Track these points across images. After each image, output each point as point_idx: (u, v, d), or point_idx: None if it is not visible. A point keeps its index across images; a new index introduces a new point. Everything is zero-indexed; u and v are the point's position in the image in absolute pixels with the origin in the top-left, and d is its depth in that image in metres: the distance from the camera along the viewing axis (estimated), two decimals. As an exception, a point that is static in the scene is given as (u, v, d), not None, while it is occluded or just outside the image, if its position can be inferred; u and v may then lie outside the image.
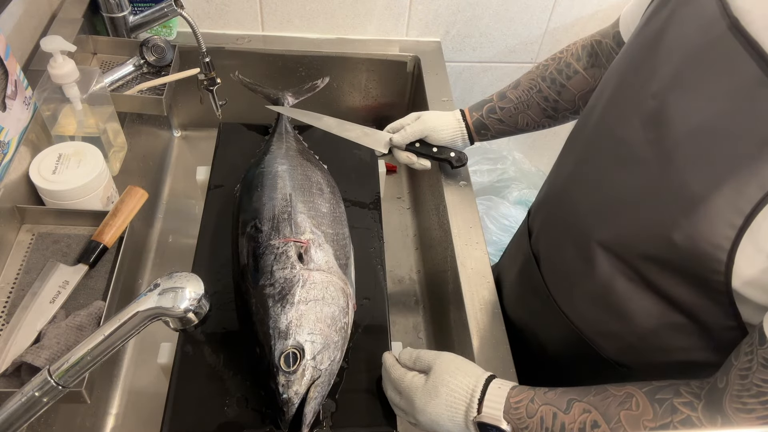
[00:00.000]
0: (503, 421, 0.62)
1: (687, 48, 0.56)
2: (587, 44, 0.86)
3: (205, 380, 0.77)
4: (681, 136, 0.55)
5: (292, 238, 0.83)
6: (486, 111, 0.94)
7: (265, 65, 1.28)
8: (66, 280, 0.75)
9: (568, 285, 0.76)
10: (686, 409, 0.54)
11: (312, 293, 0.77)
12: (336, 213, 0.91)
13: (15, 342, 0.69)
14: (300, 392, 0.69)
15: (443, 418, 0.65)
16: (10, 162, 0.79)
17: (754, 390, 0.50)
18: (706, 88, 0.54)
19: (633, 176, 0.62)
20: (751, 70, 0.50)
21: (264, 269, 0.80)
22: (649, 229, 0.59)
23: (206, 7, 1.24)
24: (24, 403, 0.53)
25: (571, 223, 0.75)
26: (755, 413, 0.49)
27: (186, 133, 1.38)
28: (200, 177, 1.05)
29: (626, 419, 0.56)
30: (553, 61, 0.90)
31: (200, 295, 0.54)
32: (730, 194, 0.51)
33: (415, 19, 1.31)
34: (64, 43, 0.83)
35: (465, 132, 0.96)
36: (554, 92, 0.88)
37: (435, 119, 0.95)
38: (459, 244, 0.94)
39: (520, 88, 0.92)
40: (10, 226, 0.79)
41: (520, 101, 0.91)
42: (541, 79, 0.90)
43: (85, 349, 0.53)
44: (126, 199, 0.82)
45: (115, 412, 0.93)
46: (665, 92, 0.57)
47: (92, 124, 0.90)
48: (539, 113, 0.91)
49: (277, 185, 0.90)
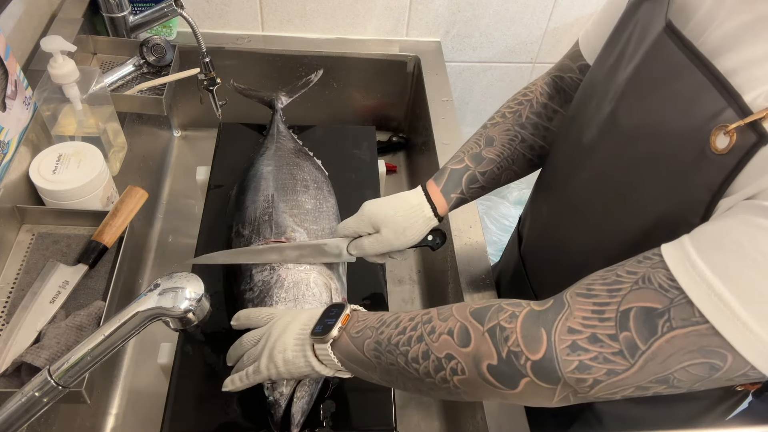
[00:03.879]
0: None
1: (639, 52, 0.56)
2: (550, 82, 0.80)
3: (205, 380, 0.77)
4: (630, 141, 0.56)
5: (272, 239, 0.83)
6: (466, 184, 0.77)
7: (265, 65, 1.28)
8: (66, 280, 0.75)
9: (549, 293, 0.77)
10: (515, 307, 0.53)
11: (291, 292, 0.77)
12: (323, 208, 0.91)
13: (15, 342, 0.69)
14: (285, 393, 0.70)
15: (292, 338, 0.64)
16: (10, 162, 0.79)
17: (611, 278, 0.48)
18: (651, 92, 0.54)
19: (593, 181, 0.63)
20: (698, 81, 0.49)
21: (244, 273, 0.82)
22: (611, 235, 0.60)
23: (206, 7, 1.24)
24: (24, 403, 0.53)
25: (549, 232, 0.76)
26: (595, 299, 0.48)
27: (186, 133, 1.38)
28: (200, 177, 1.05)
29: (456, 307, 0.56)
30: (521, 106, 0.79)
31: (200, 295, 0.54)
32: (675, 200, 0.51)
33: (415, 19, 1.31)
34: (64, 43, 0.83)
35: (435, 223, 0.77)
36: (539, 138, 0.78)
37: (400, 235, 0.75)
38: (459, 244, 0.94)
39: (498, 143, 0.78)
40: (10, 226, 0.79)
41: (503, 158, 0.77)
42: (519, 127, 0.78)
43: (85, 349, 0.53)
44: (126, 199, 0.82)
45: (115, 412, 0.93)
46: (618, 97, 0.58)
47: (92, 124, 0.90)
48: (524, 165, 0.80)
49: (260, 187, 0.91)
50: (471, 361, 0.52)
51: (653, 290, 0.45)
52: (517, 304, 0.53)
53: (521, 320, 0.51)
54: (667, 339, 0.44)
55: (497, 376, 0.51)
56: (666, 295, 0.45)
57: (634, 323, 0.45)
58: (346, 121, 1.39)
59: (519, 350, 0.49)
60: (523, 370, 0.49)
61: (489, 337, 0.51)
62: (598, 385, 0.47)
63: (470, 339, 0.52)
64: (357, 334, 0.60)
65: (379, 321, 0.60)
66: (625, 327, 0.46)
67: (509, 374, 0.50)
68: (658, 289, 0.45)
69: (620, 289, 0.47)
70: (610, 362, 0.46)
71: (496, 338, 0.51)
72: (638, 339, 0.45)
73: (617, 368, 0.46)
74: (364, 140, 1.12)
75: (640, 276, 0.47)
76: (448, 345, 0.53)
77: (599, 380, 0.47)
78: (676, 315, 0.44)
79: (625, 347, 0.45)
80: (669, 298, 0.44)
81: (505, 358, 0.50)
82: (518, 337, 0.50)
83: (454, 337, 0.53)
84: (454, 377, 0.53)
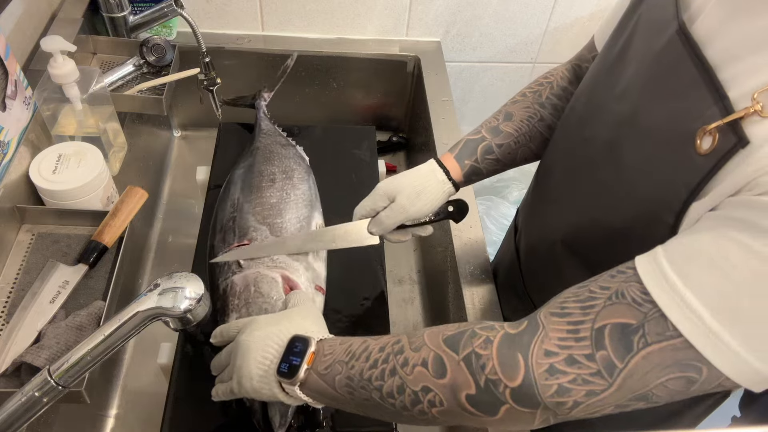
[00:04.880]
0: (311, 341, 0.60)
1: (646, 52, 0.56)
2: (569, 69, 0.81)
3: (205, 380, 0.76)
4: (629, 138, 0.56)
5: (235, 244, 0.83)
6: (481, 153, 0.77)
7: (265, 65, 1.28)
8: (66, 280, 0.75)
9: (539, 284, 0.77)
10: (489, 331, 0.52)
11: (242, 298, 0.77)
12: (289, 198, 0.90)
13: (15, 342, 0.69)
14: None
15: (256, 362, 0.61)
16: (10, 162, 0.79)
17: (584, 295, 0.48)
18: (658, 92, 0.53)
19: (583, 172, 0.63)
20: (690, 76, 0.48)
21: (213, 286, 0.82)
22: (605, 229, 0.60)
23: (206, 7, 1.24)
24: (24, 403, 0.53)
25: (542, 223, 0.76)
26: (569, 318, 0.47)
27: (186, 133, 1.38)
28: (200, 177, 1.05)
29: (428, 334, 0.55)
30: (542, 87, 0.80)
31: (200, 295, 0.54)
32: (656, 197, 0.51)
33: (415, 19, 1.31)
34: (64, 43, 0.83)
35: (452, 190, 0.77)
36: (557, 119, 0.78)
37: (414, 199, 0.74)
38: (459, 244, 0.94)
39: (517, 118, 0.78)
40: (10, 226, 0.79)
41: (521, 133, 0.77)
42: (539, 106, 0.78)
43: (85, 349, 0.53)
44: (126, 199, 0.82)
45: (115, 412, 0.93)
46: (625, 95, 0.58)
47: (92, 124, 0.90)
48: (541, 144, 0.79)
49: (229, 192, 0.92)
50: (449, 392, 0.50)
51: (626, 305, 0.45)
52: (491, 328, 0.52)
53: (496, 346, 0.49)
54: (643, 355, 0.44)
55: (476, 405, 0.50)
56: (640, 310, 0.44)
57: (609, 341, 0.45)
58: (346, 121, 1.39)
59: (497, 378, 0.48)
60: (502, 398, 0.48)
61: (465, 366, 0.50)
62: (578, 407, 0.46)
63: (446, 369, 0.51)
64: (326, 370, 0.58)
65: (347, 354, 0.58)
66: (601, 345, 0.45)
67: (489, 402, 0.49)
68: (632, 304, 0.45)
69: (594, 306, 0.47)
70: (589, 383, 0.45)
71: (473, 367, 0.50)
72: (615, 357, 0.45)
73: (596, 389, 0.45)
74: (364, 140, 1.12)
75: (613, 291, 0.46)
76: (424, 377, 0.52)
77: (579, 402, 0.46)
78: (651, 330, 0.43)
79: (602, 367, 0.45)
80: (643, 313, 0.44)
81: (483, 387, 0.49)
82: (495, 364, 0.49)
83: (428, 369, 0.52)
84: (433, 409, 0.52)
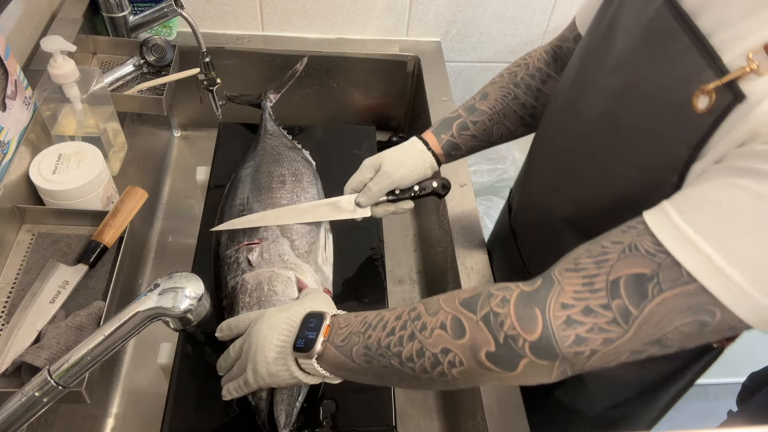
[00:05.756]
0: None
1: (635, 24, 0.57)
2: (549, 50, 0.83)
3: (205, 380, 0.77)
4: (626, 107, 0.57)
5: (245, 242, 0.83)
6: (457, 129, 0.83)
7: (265, 65, 1.28)
8: (66, 280, 0.75)
9: (539, 260, 0.77)
10: (505, 291, 0.53)
11: (254, 296, 0.77)
12: (299, 201, 0.90)
13: (15, 342, 0.69)
14: (264, 397, 0.70)
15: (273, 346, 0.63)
16: (10, 162, 0.79)
17: (597, 250, 0.49)
18: (650, 60, 0.55)
19: (579, 146, 0.65)
20: (683, 44, 0.50)
21: (220, 282, 0.82)
22: (593, 201, 0.61)
23: (206, 7, 1.24)
24: (24, 403, 0.53)
25: (538, 200, 0.77)
26: (584, 272, 0.49)
27: (186, 133, 1.38)
28: (200, 177, 1.05)
29: (443, 299, 0.56)
30: (518, 68, 0.84)
31: (200, 295, 0.54)
32: (657, 163, 0.53)
33: (415, 19, 1.31)
34: (64, 43, 0.83)
35: (433, 162, 0.83)
36: (531, 98, 0.82)
37: (398, 166, 0.81)
38: (459, 244, 0.94)
39: (492, 97, 0.83)
40: (10, 226, 0.79)
41: (494, 111, 0.82)
42: (513, 85, 0.83)
43: (85, 349, 0.53)
44: (126, 199, 0.82)
45: (115, 412, 0.93)
46: (617, 67, 0.59)
47: (92, 124, 0.90)
48: (516, 122, 0.83)
49: (237, 191, 0.92)
50: (468, 352, 0.52)
51: (640, 257, 0.47)
52: (506, 288, 0.53)
53: (513, 303, 0.51)
54: (657, 302, 0.45)
55: (496, 361, 0.51)
56: (653, 260, 0.46)
57: (624, 290, 0.47)
58: (346, 121, 1.39)
59: (516, 333, 0.50)
60: (522, 352, 0.50)
61: (484, 324, 0.52)
62: (594, 355, 0.48)
63: (465, 330, 0.52)
64: (342, 342, 0.59)
65: (363, 324, 0.59)
66: (616, 295, 0.47)
67: (508, 358, 0.50)
68: (645, 255, 0.46)
69: (607, 260, 0.48)
70: (606, 331, 0.47)
71: (491, 325, 0.51)
72: (630, 305, 0.46)
73: (612, 336, 0.47)
74: (364, 140, 1.12)
75: (626, 245, 0.48)
76: (443, 339, 0.53)
77: (596, 350, 0.48)
78: (665, 277, 0.45)
79: (618, 314, 0.47)
80: (656, 263, 0.46)
81: (502, 343, 0.50)
82: (513, 320, 0.50)
83: (447, 331, 0.53)
84: (453, 370, 0.53)
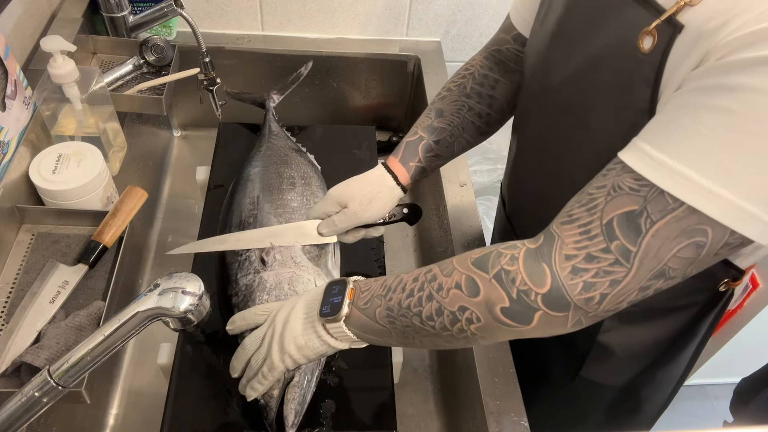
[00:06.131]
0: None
1: (587, 4, 0.60)
2: (488, 56, 0.84)
3: (205, 380, 0.77)
4: (579, 71, 0.61)
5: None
6: (423, 152, 0.82)
7: (265, 65, 1.28)
8: (66, 280, 0.75)
9: None
10: (512, 249, 0.56)
11: (273, 294, 0.77)
12: (309, 204, 0.91)
13: (15, 342, 0.69)
14: (275, 395, 0.70)
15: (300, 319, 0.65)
16: (9, 162, 0.79)
17: (585, 199, 0.52)
18: (592, 24, 0.58)
19: (555, 120, 0.67)
20: (635, 14, 0.53)
21: (230, 279, 0.82)
22: (579, 170, 0.62)
23: (206, 7, 1.24)
24: (24, 403, 0.53)
25: (528, 191, 0.79)
26: (578, 222, 0.51)
27: (186, 133, 1.38)
28: (200, 177, 1.05)
29: (456, 260, 0.59)
30: (464, 79, 0.84)
31: (200, 295, 0.54)
32: (631, 95, 0.55)
33: (415, 19, 1.31)
34: (64, 43, 0.83)
35: (401, 194, 0.83)
36: (485, 105, 0.83)
37: (366, 206, 0.79)
38: (459, 244, 0.94)
39: (447, 113, 0.83)
40: (10, 226, 0.79)
41: (453, 126, 0.82)
42: (465, 97, 0.83)
43: (85, 349, 0.53)
44: (126, 199, 0.82)
45: (115, 412, 0.92)
46: (564, 42, 0.63)
47: (92, 124, 0.90)
48: (474, 133, 0.84)
49: (246, 190, 0.92)
50: (484, 308, 0.54)
51: (626, 195, 0.49)
52: (513, 246, 0.56)
53: (522, 260, 0.54)
54: (652, 234, 0.48)
55: (511, 316, 0.53)
56: (639, 195, 0.48)
57: (619, 230, 0.49)
58: (346, 121, 1.39)
59: (527, 288, 0.52)
60: (535, 305, 0.52)
61: (497, 282, 0.54)
62: (605, 298, 0.50)
63: (479, 288, 0.55)
64: (366, 305, 0.62)
65: (383, 288, 0.62)
66: (613, 237, 0.49)
67: (523, 312, 0.53)
68: (630, 192, 0.49)
69: (596, 205, 0.51)
70: (610, 273, 0.49)
71: (503, 282, 0.54)
72: (627, 243, 0.48)
73: (617, 277, 0.49)
74: (364, 140, 1.12)
75: (609, 186, 0.50)
76: (459, 298, 0.56)
77: (605, 293, 0.50)
78: (653, 209, 0.47)
79: (618, 255, 0.49)
80: (642, 196, 0.48)
81: (516, 298, 0.53)
82: (523, 276, 0.53)
83: (462, 290, 0.56)
84: (471, 326, 0.56)
